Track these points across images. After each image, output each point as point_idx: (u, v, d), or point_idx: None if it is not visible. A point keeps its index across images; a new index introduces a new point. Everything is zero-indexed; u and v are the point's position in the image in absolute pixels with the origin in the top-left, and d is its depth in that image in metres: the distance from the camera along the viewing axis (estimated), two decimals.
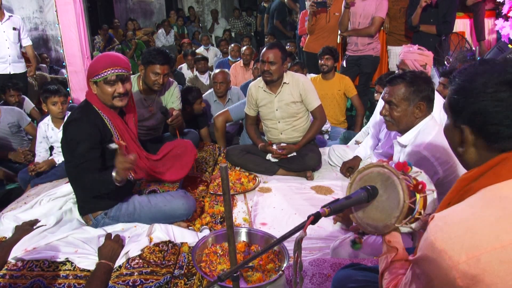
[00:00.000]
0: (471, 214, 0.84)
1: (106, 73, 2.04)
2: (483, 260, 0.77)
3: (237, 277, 1.23)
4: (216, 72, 4.21)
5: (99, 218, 2.21)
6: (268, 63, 2.95)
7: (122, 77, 2.08)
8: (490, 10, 4.18)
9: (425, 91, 1.88)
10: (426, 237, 0.86)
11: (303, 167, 3.10)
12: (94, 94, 2.10)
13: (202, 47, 7.61)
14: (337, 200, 1.18)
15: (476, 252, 0.78)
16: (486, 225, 0.80)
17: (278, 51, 2.96)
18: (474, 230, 0.80)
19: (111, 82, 2.06)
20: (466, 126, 0.92)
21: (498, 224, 0.80)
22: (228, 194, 1.27)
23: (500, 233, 0.78)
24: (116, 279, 1.78)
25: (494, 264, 0.77)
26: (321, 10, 4.73)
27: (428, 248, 0.84)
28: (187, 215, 2.27)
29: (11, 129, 3.48)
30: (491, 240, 0.78)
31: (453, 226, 0.83)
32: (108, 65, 2.04)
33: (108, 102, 2.11)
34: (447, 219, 0.85)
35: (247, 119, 3.37)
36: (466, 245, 0.79)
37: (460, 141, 0.95)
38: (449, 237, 0.81)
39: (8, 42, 4.30)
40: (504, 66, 0.90)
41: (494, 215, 0.81)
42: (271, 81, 3.03)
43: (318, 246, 2.13)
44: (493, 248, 0.77)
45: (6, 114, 3.48)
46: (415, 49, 2.84)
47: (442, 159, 1.80)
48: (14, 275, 1.81)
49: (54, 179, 2.97)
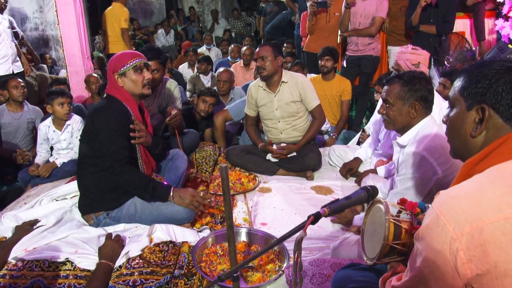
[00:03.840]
0: (476, 189, 0.87)
1: (134, 61, 2.17)
2: (486, 231, 0.80)
3: (237, 277, 1.23)
4: (221, 71, 4.22)
5: (101, 218, 2.22)
6: (260, 58, 3.02)
7: (147, 65, 2.26)
8: (490, 10, 4.17)
9: (421, 91, 1.88)
10: (430, 212, 0.89)
11: (303, 167, 3.10)
12: (120, 87, 2.18)
13: (204, 47, 7.61)
14: (337, 200, 1.18)
15: (479, 223, 0.81)
16: (490, 199, 0.83)
17: (269, 47, 3.05)
18: (479, 203, 0.83)
19: (140, 69, 2.19)
20: (484, 104, 0.96)
21: (501, 198, 0.83)
22: (228, 194, 1.27)
23: (503, 206, 0.81)
24: (116, 279, 1.78)
25: (496, 235, 0.80)
26: (321, 10, 4.73)
27: (433, 221, 0.87)
28: (188, 219, 2.27)
29: (28, 125, 3.59)
30: (494, 212, 0.81)
31: (458, 199, 0.86)
32: (133, 56, 2.20)
33: (137, 91, 2.20)
34: (452, 193, 0.89)
35: (247, 119, 3.37)
36: (470, 217, 0.82)
37: (475, 122, 0.98)
38: (454, 209, 0.84)
39: (8, 41, 4.31)
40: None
41: (499, 189, 0.84)
42: (267, 77, 3.07)
43: (318, 246, 2.13)
44: (496, 219, 0.80)
45: (30, 110, 3.62)
46: (408, 49, 2.85)
47: (442, 160, 1.80)
48: (14, 275, 1.81)
49: (54, 179, 2.97)
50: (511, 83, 0.93)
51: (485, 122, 0.96)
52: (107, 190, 2.18)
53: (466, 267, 0.81)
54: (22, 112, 3.57)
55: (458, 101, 1.03)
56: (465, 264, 0.81)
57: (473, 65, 1.03)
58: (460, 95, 1.02)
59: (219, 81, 4.20)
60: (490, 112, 0.95)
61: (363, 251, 1.27)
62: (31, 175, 2.99)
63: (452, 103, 1.06)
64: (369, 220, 1.29)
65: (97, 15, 8.87)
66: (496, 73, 0.95)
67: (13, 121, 3.51)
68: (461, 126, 1.02)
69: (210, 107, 3.73)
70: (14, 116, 3.52)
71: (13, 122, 3.51)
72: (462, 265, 0.81)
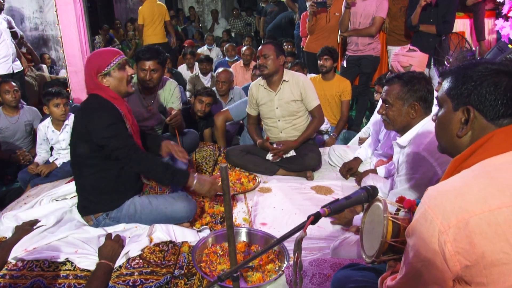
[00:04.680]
0: (462, 183, 0.90)
1: (117, 59, 2.13)
2: (472, 222, 0.83)
3: (237, 277, 1.23)
4: (220, 71, 4.22)
5: (100, 219, 2.21)
6: (262, 56, 3.02)
7: (128, 61, 2.22)
8: (490, 10, 4.17)
9: (420, 92, 1.88)
10: (419, 207, 0.93)
11: (303, 167, 3.10)
12: (105, 87, 2.12)
13: (205, 47, 7.60)
14: (337, 200, 1.18)
15: (465, 215, 0.83)
16: (475, 192, 0.86)
17: (271, 45, 3.06)
18: (464, 196, 0.86)
19: (124, 66, 2.16)
20: (469, 105, 0.99)
21: (486, 191, 0.86)
22: (228, 194, 1.27)
23: (488, 198, 0.84)
24: (116, 279, 1.78)
25: (482, 227, 0.82)
26: (321, 10, 4.72)
27: (422, 216, 0.90)
28: (188, 217, 2.27)
29: (26, 128, 3.55)
30: (479, 204, 0.84)
31: (445, 193, 0.89)
32: (114, 53, 2.16)
33: (123, 89, 2.17)
34: (440, 188, 0.92)
35: (249, 118, 3.38)
36: (456, 209, 0.85)
37: (461, 123, 1.02)
38: (441, 202, 0.87)
39: (8, 41, 4.32)
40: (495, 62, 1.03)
41: (483, 183, 0.88)
42: (268, 75, 3.07)
43: (318, 246, 2.13)
44: (481, 211, 0.83)
45: (26, 112, 3.58)
46: (403, 51, 2.85)
47: (441, 160, 1.80)
48: (14, 275, 1.81)
49: (54, 179, 2.97)
50: (494, 85, 0.96)
51: (470, 122, 1.00)
52: (106, 191, 2.17)
53: (454, 259, 0.84)
54: (18, 115, 3.52)
55: (445, 101, 1.06)
56: (453, 256, 0.84)
57: (459, 67, 1.06)
58: (447, 95, 1.05)
59: (218, 82, 4.20)
60: (475, 113, 0.99)
61: (362, 249, 1.27)
62: (31, 175, 2.99)
63: (440, 103, 1.10)
64: (368, 218, 1.29)
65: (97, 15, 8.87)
66: (481, 76, 0.98)
67: (10, 125, 3.47)
68: (448, 125, 1.05)
69: (207, 107, 3.73)
70: (10, 120, 3.48)
71: (10, 126, 3.47)
72: (450, 257, 0.84)
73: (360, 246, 1.29)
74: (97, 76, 2.10)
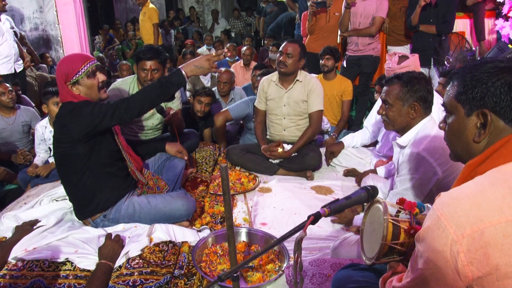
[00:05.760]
0: (477, 190, 0.86)
1: (86, 67, 2.06)
2: (487, 233, 0.79)
3: (237, 277, 1.23)
4: (222, 72, 4.22)
5: (98, 221, 2.19)
6: (286, 54, 3.02)
7: (99, 67, 2.14)
8: (490, 10, 4.17)
9: (420, 92, 1.88)
10: (431, 213, 0.88)
11: (303, 167, 3.10)
12: (77, 94, 2.07)
13: (205, 47, 7.59)
14: (337, 200, 1.18)
15: (481, 225, 0.80)
16: (491, 201, 0.83)
17: (298, 47, 3.06)
18: (480, 205, 0.82)
19: (93, 74, 2.08)
20: (485, 109, 0.95)
21: (503, 200, 0.82)
22: (228, 194, 1.27)
23: (505, 208, 0.81)
24: (116, 279, 1.78)
25: (498, 238, 0.79)
26: (321, 10, 4.72)
27: (434, 223, 0.86)
28: (187, 216, 2.27)
29: (23, 128, 3.53)
30: (496, 214, 0.80)
31: (459, 201, 0.85)
32: (83, 60, 2.08)
33: (95, 96, 2.12)
34: (453, 195, 0.88)
35: (257, 115, 3.37)
36: (472, 219, 0.81)
37: (477, 128, 0.97)
38: (455, 211, 0.84)
39: (11, 41, 4.32)
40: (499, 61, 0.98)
41: (500, 191, 0.83)
42: (285, 74, 3.09)
43: (318, 246, 2.13)
44: (497, 222, 0.80)
45: (22, 112, 3.55)
46: (394, 65, 2.84)
47: (442, 160, 1.80)
48: (14, 275, 1.81)
49: (54, 179, 2.97)
50: (507, 84, 0.92)
51: (489, 126, 0.95)
52: (96, 189, 2.12)
53: (467, 269, 0.81)
54: (15, 116, 3.48)
55: (455, 107, 1.02)
56: (466, 266, 0.80)
57: (463, 69, 1.01)
58: (456, 101, 1.01)
59: (219, 82, 4.19)
60: (491, 116, 0.94)
61: (362, 251, 1.27)
62: (31, 176, 2.99)
63: (448, 110, 1.05)
64: (368, 220, 1.29)
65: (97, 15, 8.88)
66: (491, 76, 0.94)
67: (7, 126, 3.44)
68: (463, 132, 1.00)
69: (206, 107, 3.74)
70: (7, 121, 3.45)
71: (7, 127, 3.44)
72: (463, 267, 0.81)
73: (360, 247, 1.29)
74: (66, 84, 2.06)
